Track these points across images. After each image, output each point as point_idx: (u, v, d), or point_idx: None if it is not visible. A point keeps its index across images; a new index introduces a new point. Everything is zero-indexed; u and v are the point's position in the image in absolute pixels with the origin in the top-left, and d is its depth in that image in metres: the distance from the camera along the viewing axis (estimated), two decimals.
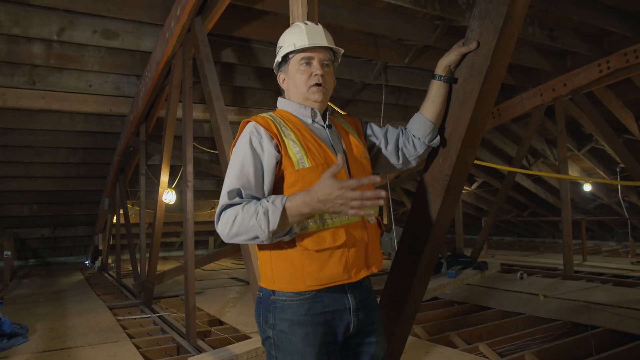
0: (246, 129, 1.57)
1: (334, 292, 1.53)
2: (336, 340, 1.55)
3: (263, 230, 1.37)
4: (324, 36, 1.65)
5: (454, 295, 6.02)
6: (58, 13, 4.82)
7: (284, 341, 1.51)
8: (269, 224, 1.37)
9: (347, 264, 1.52)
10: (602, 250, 10.40)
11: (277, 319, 1.53)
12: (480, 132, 1.90)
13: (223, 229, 1.44)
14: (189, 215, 4.30)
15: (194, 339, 4.21)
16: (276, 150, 1.51)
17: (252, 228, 1.38)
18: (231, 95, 6.76)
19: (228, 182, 1.50)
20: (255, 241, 1.43)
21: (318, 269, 1.49)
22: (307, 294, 1.51)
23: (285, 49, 1.66)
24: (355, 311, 1.56)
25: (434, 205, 1.91)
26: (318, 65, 1.62)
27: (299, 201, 1.36)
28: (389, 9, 5.17)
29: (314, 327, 1.50)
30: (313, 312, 1.50)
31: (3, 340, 4.20)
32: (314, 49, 1.62)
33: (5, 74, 5.56)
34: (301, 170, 1.50)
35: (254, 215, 1.38)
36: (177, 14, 4.09)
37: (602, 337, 4.04)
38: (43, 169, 8.37)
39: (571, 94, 6.50)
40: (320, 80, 1.61)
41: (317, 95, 1.62)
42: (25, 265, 11.20)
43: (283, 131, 1.55)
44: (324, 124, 1.66)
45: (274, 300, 1.54)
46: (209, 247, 12.96)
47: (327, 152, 1.57)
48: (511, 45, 1.79)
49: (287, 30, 1.73)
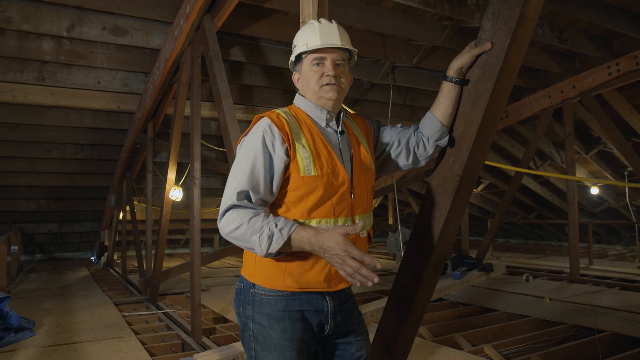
0: (260, 125, 1.55)
1: (313, 293, 1.55)
2: (314, 336, 1.58)
3: (261, 250, 1.40)
4: (337, 35, 1.62)
5: (459, 296, 6.00)
6: (68, 10, 4.85)
7: (263, 335, 1.53)
8: (269, 247, 1.40)
9: (329, 274, 1.53)
10: (609, 254, 10.33)
11: (256, 312, 1.55)
12: (492, 133, 1.89)
13: (225, 227, 1.46)
14: (195, 213, 4.31)
15: (199, 336, 4.22)
16: (286, 154, 1.50)
17: (252, 243, 1.41)
18: (239, 93, 6.77)
19: (237, 180, 1.49)
20: (249, 250, 1.47)
21: (300, 272, 1.51)
22: (285, 292, 1.53)
23: (298, 49, 1.65)
24: (333, 314, 1.58)
25: (443, 205, 1.90)
26: (330, 65, 1.60)
27: (305, 238, 1.40)
28: (397, 9, 5.17)
29: (291, 323, 1.52)
30: (291, 308, 1.53)
31: (10, 334, 4.24)
32: (327, 49, 1.60)
33: (15, 69, 5.61)
34: (306, 178, 1.50)
35: (257, 233, 1.40)
36: (186, 12, 4.10)
37: (608, 341, 4.02)
38: (51, 164, 8.42)
39: (580, 97, 6.46)
40: (332, 81, 1.59)
41: (330, 94, 1.60)
42: (31, 260, 11.26)
43: (295, 133, 1.54)
44: (336, 129, 1.65)
45: (254, 293, 1.56)
46: (214, 245, 12.98)
47: (335, 161, 1.56)
48: (524, 45, 1.78)
49: (301, 29, 1.70)
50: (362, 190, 1.62)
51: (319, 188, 1.50)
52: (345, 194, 1.55)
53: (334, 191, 1.52)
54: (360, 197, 1.60)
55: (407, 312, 2.02)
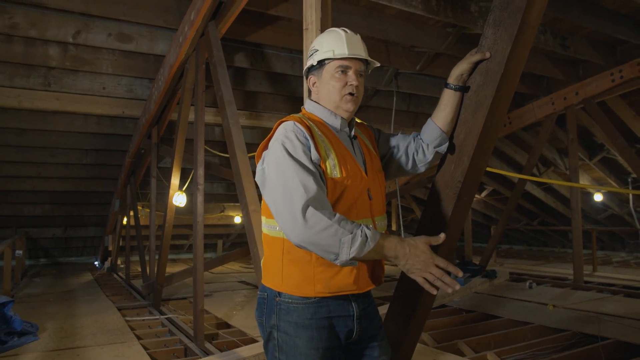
0: (286, 126, 1.52)
1: (340, 299, 1.55)
2: (340, 345, 1.56)
3: (349, 252, 1.33)
4: (362, 47, 1.65)
5: (462, 303, 5.98)
6: (74, 16, 4.90)
7: (288, 344, 1.51)
8: (360, 250, 1.33)
9: (357, 275, 1.53)
10: (613, 261, 10.28)
11: (281, 320, 1.53)
12: (493, 139, 1.89)
13: (312, 226, 1.33)
14: (199, 218, 4.33)
15: (202, 342, 4.22)
16: (316, 151, 1.49)
17: (342, 244, 1.32)
18: (243, 99, 6.81)
19: (296, 178, 1.39)
20: (328, 256, 1.36)
21: (329, 277, 1.51)
22: (314, 298, 1.52)
23: (322, 54, 1.63)
24: (359, 319, 1.58)
25: (445, 212, 1.90)
26: (354, 75, 1.61)
27: (392, 244, 1.40)
28: (400, 16, 5.19)
29: (318, 331, 1.51)
30: (318, 316, 1.51)
31: (14, 338, 4.25)
32: (353, 59, 1.61)
33: (21, 75, 5.67)
34: (333, 179, 1.50)
35: (349, 234, 1.33)
36: (191, 18, 4.14)
37: (612, 349, 4.00)
38: (56, 169, 8.46)
39: (583, 103, 6.45)
40: (354, 91, 1.61)
41: (349, 105, 1.62)
42: (36, 265, 11.31)
43: (319, 136, 1.55)
44: (350, 134, 1.67)
45: (280, 302, 1.54)
46: (217, 250, 13.00)
47: (355, 164, 1.58)
48: (525, 53, 1.79)
49: (324, 35, 1.70)
50: (378, 192, 1.65)
51: (345, 189, 1.52)
52: (364, 195, 1.57)
53: (356, 193, 1.55)
54: (377, 199, 1.63)
55: (409, 319, 2.02)
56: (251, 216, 3.17)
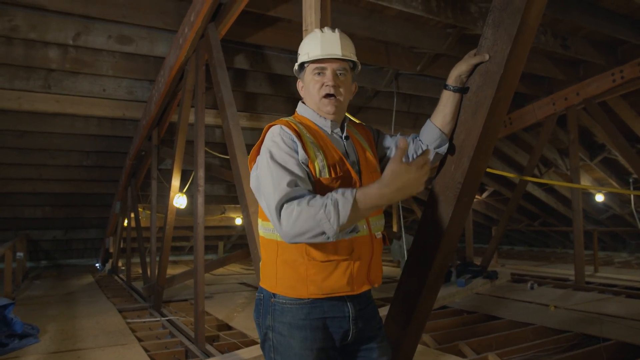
0: (274, 130, 1.53)
1: (334, 300, 1.54)
2: (334, 346, 1.56)
3: (332, 225, 1.29)
4: (339, 45, 1.62)
5: (464, 304, 5.97)
6: (74, 18, 4.90)
7: (282, 344, 1.52)
8: (339, 218, 1.29)
9: (351, 276, 1.53)
10: (615, 262, 10.27)
11: (276, 321, 1.54)
12: (493, 140, 1.89)
13: (286, 224, 1.33)
14: (199, 220, 4.32)
15: (203, 343, 4.22)
16: (304, 151, 1.49)
17: (321, 222, 1.29)
18: (243, 101, 6.81)
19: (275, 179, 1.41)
20: (320, 238, 1.32)
21: (322, 278, 1.50)
22: (307, 299, 1.52)
23: (301, 57, 1.66)
24: (355, 320, 1.57)
25: (445, 213, 1.90)
26: (331, 75, 1.60)
27: (373, 191, 1.32)
28: (401, 16, 5.19)
29: (312, 332, 1.51)
30: (312, 316, 1.51)
31: (15, 340, 4.25)
32: (328, 59, 1.61)
33: (21, 77, 5.67)
34: (322, 179, 1.50)
35: (321, 208, 1.29)
36: (190, 20, 4.14)
37: (614, 350, 3.98)
38: (56, 171, 8.47)
39: (584, 104, 6.45)
40: (331, 91, 1.59)
41: (328, 108, 1.61)
42: (37, 267, 11.31)
43: (307, 137, 1.55)
44: (341, 135, 1.66)
45: (274, 302, 1.55)
46: (218, 252, 13.00)
47: (346, 165, 1.57)
48: (525, 53, 1.79)
49: (305, 37, 1.72)
50: None
51: (328, 191, 1.50)
52: None
53: None
54: None
55: (410, 320, 2.02)
56: (252, 218, 3.16)
